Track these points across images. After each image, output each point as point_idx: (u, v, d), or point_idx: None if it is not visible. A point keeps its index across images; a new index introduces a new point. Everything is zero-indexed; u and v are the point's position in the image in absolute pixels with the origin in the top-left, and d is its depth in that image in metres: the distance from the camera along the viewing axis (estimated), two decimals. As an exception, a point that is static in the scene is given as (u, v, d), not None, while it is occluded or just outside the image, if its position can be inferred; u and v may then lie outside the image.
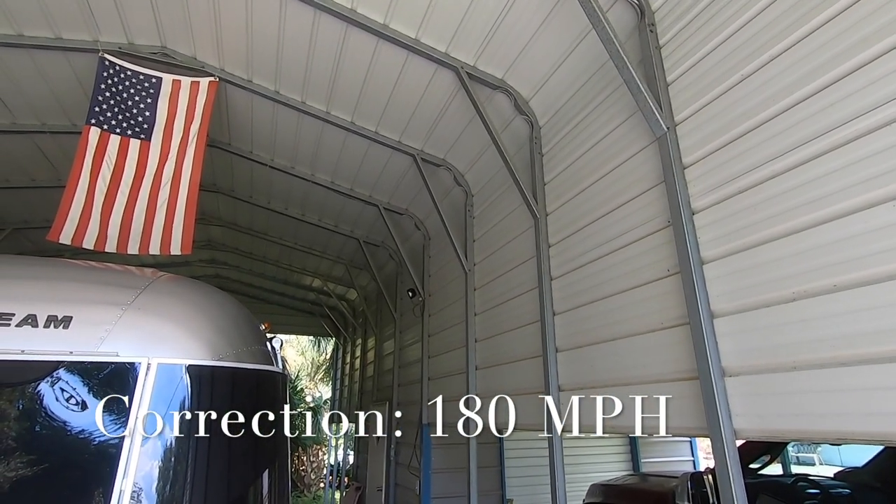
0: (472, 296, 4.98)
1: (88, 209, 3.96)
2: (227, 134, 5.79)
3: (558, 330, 3.50)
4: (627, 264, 2.90)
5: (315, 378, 16.81)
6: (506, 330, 4.26)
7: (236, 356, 2.73)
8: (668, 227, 2.62)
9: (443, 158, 5.36)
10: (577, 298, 3.35)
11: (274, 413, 2.96)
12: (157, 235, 4.11)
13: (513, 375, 4.04)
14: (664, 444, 7.21)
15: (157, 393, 2.33)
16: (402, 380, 7.17)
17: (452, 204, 5.66)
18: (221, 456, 2.44)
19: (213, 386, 2.58)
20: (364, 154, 5.57)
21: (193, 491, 2.27)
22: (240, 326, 2.96)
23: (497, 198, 4.75)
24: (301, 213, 7.47)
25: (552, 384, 3.38)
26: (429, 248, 6.63)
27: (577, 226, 3.45)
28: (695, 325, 2.30)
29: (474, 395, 4.66)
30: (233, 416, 2.65)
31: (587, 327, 3.20)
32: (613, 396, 2.86)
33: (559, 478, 3.14)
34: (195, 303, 2.79)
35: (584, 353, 3.20)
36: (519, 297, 4.09)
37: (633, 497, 4.17)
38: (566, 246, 3.55)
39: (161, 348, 2.46)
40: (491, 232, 4.78)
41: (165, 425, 2.35)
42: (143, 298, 2.58)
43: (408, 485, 6.22)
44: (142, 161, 4.23)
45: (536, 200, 3.87)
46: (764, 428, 2.04)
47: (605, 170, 3.22)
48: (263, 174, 6.47)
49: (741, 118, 2.38)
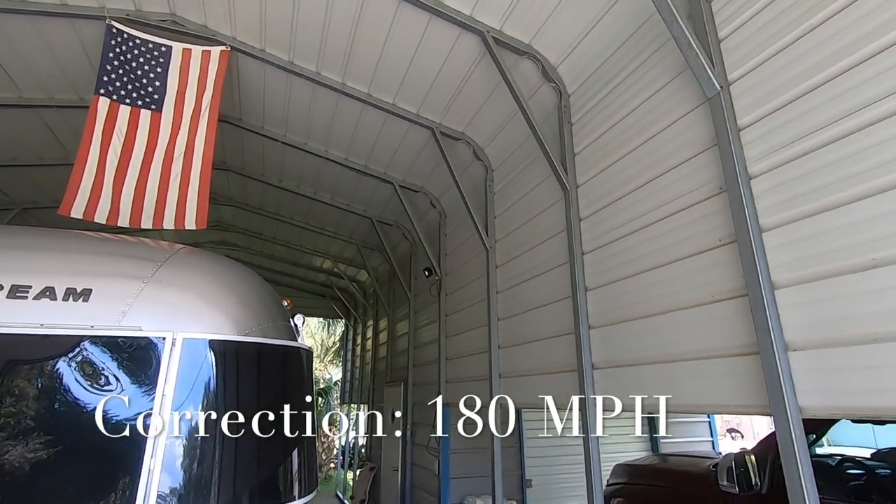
0: (494, 273, 4.84)
1: (100, 182, 3.83)
2: (238, 109, 5.61)
3: (591, 306, 3.36)
4: (670, 236, 2.73)
5: (325, 360, 16.86)
6: (531, 307, 4.13)
7: (262, 331, 2.61)
8: (720, 193, 2.45)
9: (462, 132, 5.17)
10: (611, 273, 3.20)
11: (302, 389, 2.85)
12: (171, 209, 3.97)
13: (539, 354, 3.92)
14: (682, 425, 7.13)
15: (184, 369, 2.22)
16: (418, 360, 7.09)
17: (471, 180, 5.49)
18: (251, 433, 2.34)
19: (239, 362, 2.47)
20: (380, 128, 5.39)
21: (223, 469, 2.17)
22: (264, 301, 2.83)
23: (521, 171, 4.57)
24: (313, 192, 7.32)
25: (585, 362, 3.25)
26: (445, 226, 6.47)
27: (611, 197, 3.28)
28: (754, 298, 2.15)
29: (497, 374, 4.55)
30: (260, 391, 2.55)
31: (623, 303, 3.06)
32: (655, 374, 2.72)
33: (595, 476, 3.03)
34: (218, 276, 2.66)
35: (620, 329, 3.06)
36: (546, 273, 3.95)
37: (665, 477, 4.08)
38: (599, 219, 3.38)
39: (186, 323, 2.34)
40: (514, 207, 4.62)
41: (193, 402, 2.24)
42: (165, 271, 2.45)
43: (425, 465, 6.18)
44: (153, 132, 4.08)
45: (566, 172, 3.69)
46: (833, 405, 1.90)
47: (645, 137, 3.03)
48: (275, 151, 6.30)
49: (803, 75, 2.19)
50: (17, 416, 1.95)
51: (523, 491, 5.94)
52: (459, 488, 5.56)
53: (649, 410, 2.80)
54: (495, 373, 4.56)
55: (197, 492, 2.07)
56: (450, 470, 5.54)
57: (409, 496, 6.53)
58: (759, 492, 2.99)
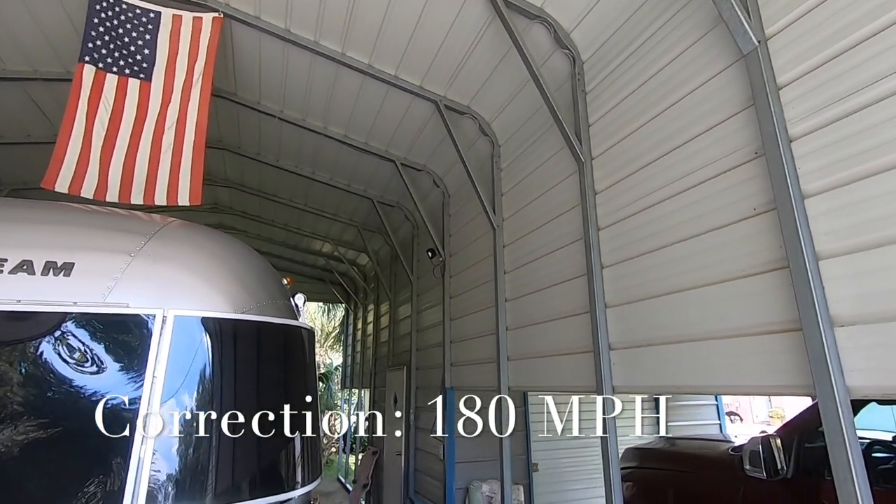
0: (502, 253, 4.66)
1: (86, 154, 3.61)
2: (232, 82, 5.37)
3: (607, 284, 3.19)
4: (698, 206, 2.55)
5: (325, 345, 16.76)
6: (542, 287, 3.96)
7: (260, 309, 2.43)
8: (755, 158, 2.26)
9: (467, 105, 4.94)
10: (630, 249, 3.02)
11: (304, 371, 2.69)
12: (163, 184, 3.77)
13: (551, 335, 3.76)
14: (688, 408, 7.03)
15: (176, 349, 2.05)
16: (421, 344, 6.95)
17: (477, 156, 5.27)
18: (249, 417, 2.18)
19: (236, 341, 2.29)
20: (381, 102, 5.16)
21: (220, 458, 2.02)
22: (262, 278, 2.65)
23: (530, 146, 4.36)
24: (312, 172, 7.09)
25: (601, 342, 3.09)
26: (448, 206, 6.28)
27: (630, 168, 3.08)
28: (796, 269, 1.97)
29: (505, 356, 4.40)
30: (259, 374, 2.38)
31: (643, 280, 2.88)
32: (679, 354, 2.56)
33: (614, 465, 2.88)
34: (212, 251, 2.47)
35: (640, 308, 2.89)
36: (558, 251, 3.77)
37: (680, 461, 3.96)
38: (617, 192, 3.19)
39: (177, 299, 2.16)
40: (523, 183, 4.42)
41: (187, 384, 2.08)
42: (154, 245, 2.26)
43: (429, 449, 6.07)
44: (142, 103, 3.85)
45: (581, 143, 3.49)
46: (885, 384, 1.74)
47: (668, 102, 2.83)
48: (272, 128, 6.06)
49: (850, 27, 1.99)
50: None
51: (530, 475, 5.84)
52: (465, 473, 5.46)
53: (668, 392, 2.64)
54: (503, 355, 4.41)
55: (192, 480, 1.91)
56: (455, 454, 5.43)
57: (412, 481, 6.45)
58: (785, 476, 2.87)
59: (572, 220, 3.60)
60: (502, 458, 4.27)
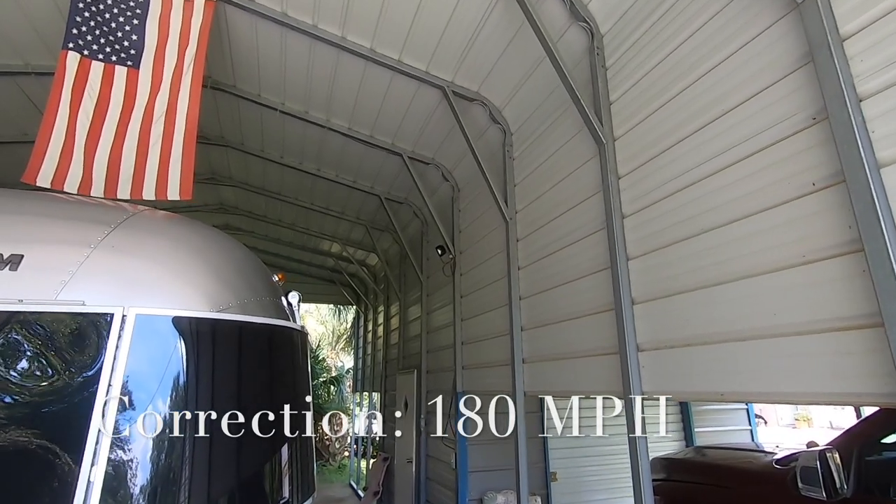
0: (515, 248, 4.34)
1: (70, 146, 3.39)
2: (231, 74, 5.14)
3: (634, 278, 2.85)
4: (741, 185, 2.21)
5: (336, 348, 16.55)
6: (560, 283, 3.63)
7: (242, 308, 2.15)
8: (814, 124, 1.91)
9: (477, 91, 4.64)
10: (659, 238, 2.68)
11: (294, 378, 2.41)
12: (152, 178, 3.53)
13: (571, 335, 3.43)
14: (717, 412, 6.61)
15: (137, 352, 1.77)
16: (431, 346, 6.64)
17: (487, 146, 4.96)
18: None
19: (213, 344, 2.02)
20: (386, 90, 4.88)
21: (187, 479, 1.73)
22: (245, 273, 2.37)
23: (545, 131, 4.04)
24: (317, 168, 6.85)
25: (629, 343, 2.75)
26: (458, 200, 5.97)
27: (658, 148, 2.75)
28: (875, 253, 1.62)
29: (520, 359, 4.08)
30: (241, 381, 2.10)
31: (676, 272, 2.55)
32: (721, 356, 2.22)
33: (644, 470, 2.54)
34: (186, 242, 2.20)
35: (673, 303, 2.55)
36: (577, 243, 3.44)
37: (715, 474, 3.59)
38: (642, 175, 2.86)
39: (143, 297, 1.89)
40: (538, 171, 4.09)
41: (149, 394, 1.80)
42: (119, 236, 1.99)
43: (440, 457, 5.76)
44: (130, 91, 3.62)
45: (601, 123, 3.16)
46: None
47: (703, 69, 2.49)
48: (274, 122, 5.83)
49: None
50: (-81, 414, 1.53)
51: (548, 485, 5.50)
52: (479, 483, 5.14)
53: (709, 399, 2.30)
54: (518, 358, 4.09)
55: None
56: (468, 463, 5.11)
57: (423, 490, 6.14)
58: (844, 496, 2.50)
59: (593, 208, 3.27)
60: (518, 466, 3.94)
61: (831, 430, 20.40)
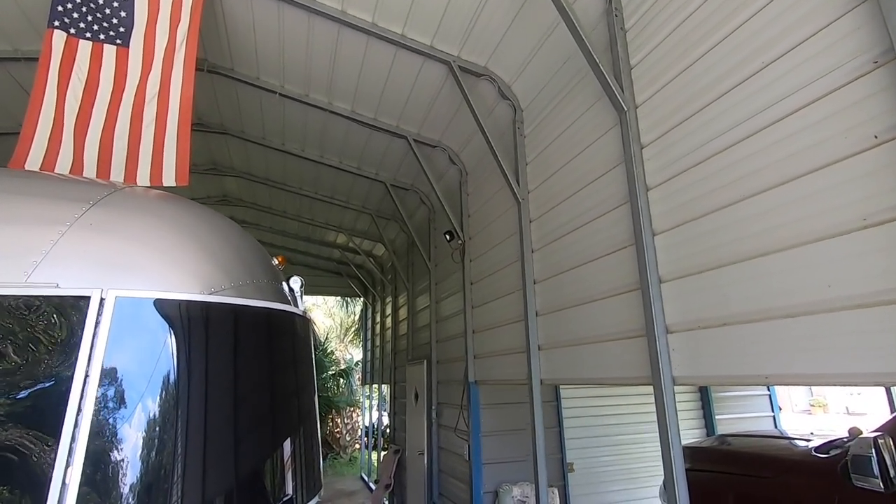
0: (528, 229, 4.13)
1: (58, 131, 3.22)
2: (228, 56, 4.94)
3: (661, 254, 2.64)
4: (788, 144, 1.98)
5: (345, 340, 16.45)
6: (578, 264, 3.42)
7: (237, 290, 1.96)
8: (876, 69, 1.68)
9: (485, 66, 4.40)
10: (689, 209, 2.46)
11: (297, 367, 2.23)
12: (146, 163, 3.35)
13: (591, 319, 3.22)
14: (737, 399, 6.39)
15: (118, 338, 1.59)
16: (441, 335, 6.46)
17: (496, 125, 4.74)
18: (219, 426, 1.72)
19: (205, 328, 1.82)
20: (389, 68, 4.65)
21: (176, 479, 1.56)
22: (242, 255, 2.17)
23: (560, 102, 3.81)
24: (320, 155, 6.65)
25: (656, 324, 2.54)
26: (466, 184, 5.75)
27: (686, 110, 2.52)
28: (958, 208, 1.40)
29: (535, 345, 3.88)
30: (235, 370, 1.92)
31: (709, 245, 2.33)
32: (764, 335, 2.01)
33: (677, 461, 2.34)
34: (177, 220, 2.01)
35: (706, 280, 2.34)
36: (597, 219, 3.22)
37: (746, 463, 3.38)
38: (669, 142, 2.63)
39: (124, 278, 1.70)
40: (551, 147, 3.87)
41: (132, 384, 1.63)
42: (98, 213, 1.80)
43: (453, 449, 5.60)
44: (120, 71, 3.44)
45: (623, 89, 2.93)
46: None
47: (740, 18, 2.25)
48: (274, 107, 5.63)
49: None
50: None
51: (565, 476, 5.32)
52: (493, 475, 4.97)
53: (752, 384, 2.09)
54: (533, 345, 3.89)
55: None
56: (482, 455, 4.94)
57: (436, 482, 5.99)
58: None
59: (613, 181, 3.05)
60: (536, 458, 3.75)
61: (848, 415, 20.05)
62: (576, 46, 3.19)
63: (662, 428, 2.45)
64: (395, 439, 8.83)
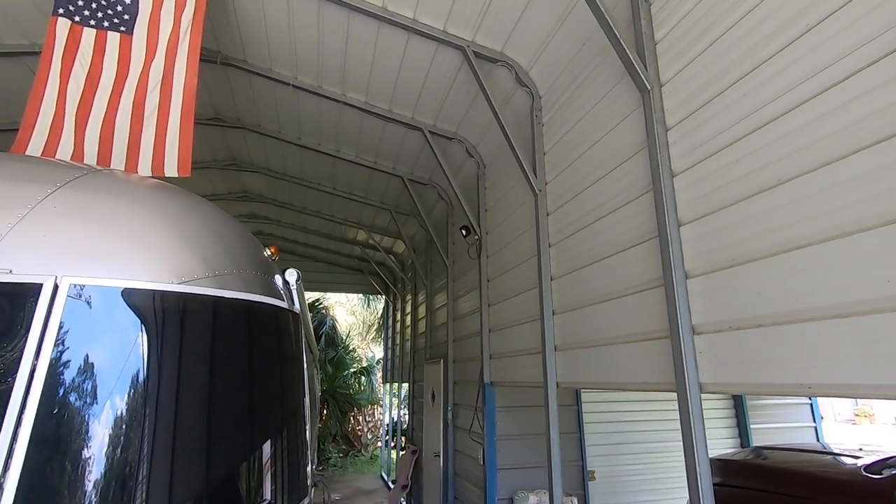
0: (545, 222, 3.89)
1: (60, 118, 3.17)
2: (240, 48, 4.87)
3: (687, 246, 2.38)
4: (837, 118, 1.70)
5: (367, 338, 16.44)
6: (596, 259, 3.17)
7: (217, 281, 1.82)
8: (950, 20, 1.40)
9: (500, 52, 4.18)
10: (721, 196, 2.19)
11: (278, 363, 2.08)
12: (148, 153, 3.27)
13: (609, 318, 2.97)
14: (776, 408, 5.97)
15: (74, 330, 1.46)
16: (458, 334, 6.27)
17: (514, 113, 4.51)
18: (184, 426, 1.57)
19: (173, 320, 1.68)
20: (402, 56, 4.49)
21: (132, 487, 1.42)
22: (226, 243, 2.02)
23: (579, 86, 3.56)
24: (336, 149, 6.55)
25: (682, 325, 2.29)
26: (484, 178, 5.54)
27: (718, 85, 2.25)
28: None
29: (552, 346, 3.65)
30: (205, 366, 1.78)
31: (744, 235, 2.06)
32: (811, 336, 1.74)
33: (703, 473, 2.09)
34: (151, 204, 1.87)
35: (739, 275, 2.07)
36: (616, 211, 2.97)
37: (787, 481, 3.06)
38: (696, 122, 2.37)
39: (85, 264, 1.58)
40: (570, 134, 3.63)
41: (87, 381, 1.50)
42: (63, 196, 1.66)
43: (469, 452, 5.40)
44: (123, 59, 3.37)
45: (646, 66, 2.67)
46: None
47: (777, -19, 1.98)
48: (288, 99, 5.55)
49: None
50: None
51: (585, 484, 5.05)
52: (509, 481, 4.75)
53: (797, 394, 1.83)
54: (549, 345, 3.66)
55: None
56: (497, 460, 4.72)
57: (451, 486, 5.80)
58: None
59: (635, 168, 2.79)
60: (551, 465, 3.52)
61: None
62: (596, 24, 2.96)
63: (687, 440, 2.20)
64: (414, 439, 8.69)
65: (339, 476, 11.91)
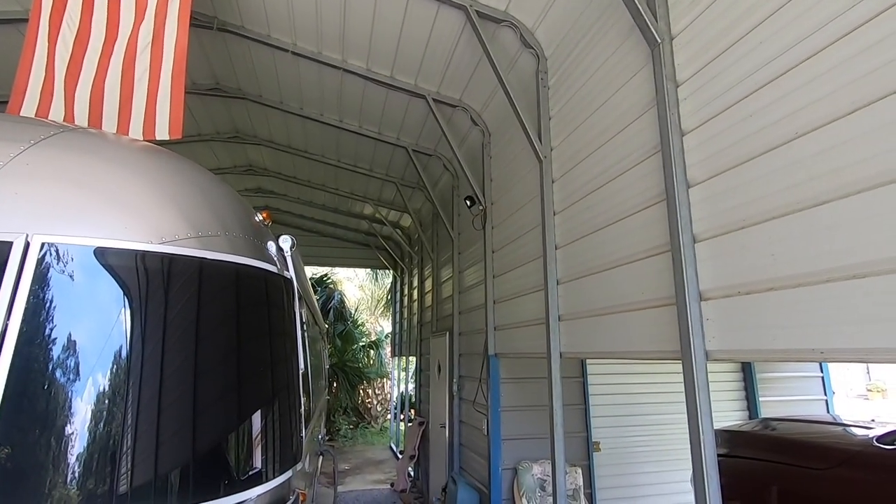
0: (550, 190, 3.77)
1: (50, 82, 3.09)
2: (237, 13, 4.72)
3: (696, 208, 2.26)
4: (862, 61, 1.56)
5: (376, 312, 16.53)
6: (601, 226, 3.06)
7: (201, 242, 1.75)
8: None
9: (504, 11, 3.98)
10: (733, 153, 2.06)
11: (267, 329, 2.02)
12: (139, 115, 3.19)
13: (614, 286, 2.88)
14: (786, 380, 5.88)
15: (46, 291, 1.41)
16: (463, 307, 6.22)
17: (519, 77, 4.34)
18: (170, 394, 1.53)
19: (154, 281, 1.63)
20: (402, 17, 4.31)
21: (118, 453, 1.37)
22: (213, 203, 1.93)
23: (585, 47, 3.38)
24: (339, 119, 6.42)
25: (689, 290, 2.19)
26: (489, 147, 5.39)
27: (734, 34, 2.09)
28: None
29: (556, 316, 3.57)
30: (187, 330, 1.73)
31: (758, 194, 1.94)
32: (828, 299, 1.63)
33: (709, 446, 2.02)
34: (130, 163, 1.79)
35: (751, 236, 1.96)
36: (622, 175, 2.84)
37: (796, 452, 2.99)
38: (710, 75, 2.22)
39: (58, 223, 1.52)
40: (576, 98, 3.47)
41: (64, 343, 1.45)
42: (35, 154, 1.58)
43: (474, 423, 5.41)
44: (112, 20, 3.26)
45: (657, 18, 2.50)
46: None
47: (802, -86, 1.80)
48: (288, 67, 5.41)
49: None
50: None
51: (590, 455, 5.04)
52: (513, 451, 4.75)
53: (811, 360, 1.73)
54: (553, 315, 3.58)
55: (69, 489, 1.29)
56: (500, 430, 4.72)
57: (457, 456, 5.85)
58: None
59: (644, 129, 2.65)
60: (553, 436, 3.49)
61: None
62: (604, -26, 2.77)
63: (692, 409, 2.12)
64: (421, 411, 8.77)
65: (349, 447, 12.14)
